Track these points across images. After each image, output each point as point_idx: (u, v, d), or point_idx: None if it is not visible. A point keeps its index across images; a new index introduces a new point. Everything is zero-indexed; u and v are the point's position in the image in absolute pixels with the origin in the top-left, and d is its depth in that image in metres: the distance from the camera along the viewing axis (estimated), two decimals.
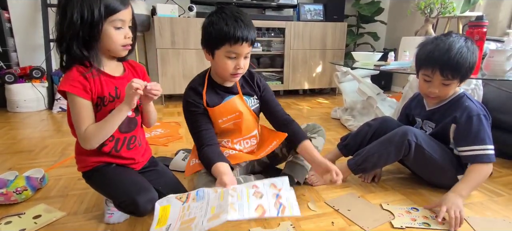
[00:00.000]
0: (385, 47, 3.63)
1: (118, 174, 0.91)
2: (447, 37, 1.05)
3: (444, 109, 1.15)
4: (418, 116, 1.25)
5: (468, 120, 1.06)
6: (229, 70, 0.99)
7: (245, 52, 0.98)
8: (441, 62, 1.02)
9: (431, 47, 1.06)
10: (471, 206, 1.11)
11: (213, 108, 1.04)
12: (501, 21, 2.33)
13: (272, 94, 1.17)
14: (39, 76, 2.45)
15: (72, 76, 0.81)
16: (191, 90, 1.06)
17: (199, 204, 0.77)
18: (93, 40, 0.81)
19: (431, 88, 1.09)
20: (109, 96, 0.88)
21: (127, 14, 0.84)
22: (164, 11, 2.55)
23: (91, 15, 0.77)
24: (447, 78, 1.04)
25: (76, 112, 0.83)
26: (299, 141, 1.07)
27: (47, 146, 1.66)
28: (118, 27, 0.82)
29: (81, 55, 0.80)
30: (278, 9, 3.13)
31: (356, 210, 1.06)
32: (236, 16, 0.94)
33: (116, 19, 0.81)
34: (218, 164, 0.93)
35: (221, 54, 0.98)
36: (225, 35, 0.93)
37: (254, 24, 0.99)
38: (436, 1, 1.74)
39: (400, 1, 3.44)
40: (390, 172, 1.38)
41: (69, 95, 0.82)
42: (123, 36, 0.84)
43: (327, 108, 2.67)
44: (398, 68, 1.69)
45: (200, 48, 2.86)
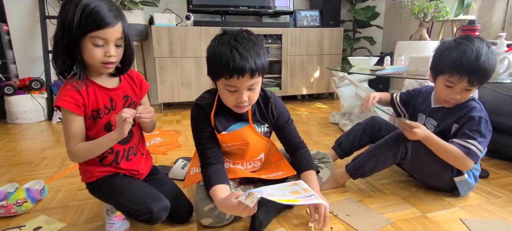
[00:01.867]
0: (382, 51, 3.65)
1: (127, 184, 0.92)
2: (472, 42, 1.01)
3: (449, 109, 1.13)
4: (423, 112, 1.23)
5: (468, 120, 1.06)
6: (230, 103, 0.94)
7: (246, 85, 0.88)
8: (470, 71, 0.99)
9: (457, 54, 1.01)
10: (469, 208, 1.12)
11: (221, 135, 1.02)
12: (495, 24, 2.36)
13: (287, 118, 1.10)
14: (38, 87, 2.46)
15: (65, 91, 0.81)
16: (200, 110, 1.01)
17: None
18: (75, 52, 0.80)
19: (453, 95, 1.06)
20: (104, 109, 0.89)
21: (110, 33, 0.79)
22: (162, 21, 2.58)
23: (69, 28, 0.76)
24: (472, 85, 1.03)
25: (67, 127, 0.84)
26: (303, 169, 1.06)
27: (46, 157, 1.67)
28: (98, 44, 0.80)
29: (63, 65, 0.81)
30: (275, 16, 3.16)
31: (355, 215, 1.07)
32: (232, 45, 0.84)
33: (96, 36, 0.78)
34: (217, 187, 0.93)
35: (221, 86, 0.91)
36: (219, 67, 0.85)
37: (258, 50, 0.87)
38: (430, 6, 1.76)
39: (395, 6, 3.48)
40: (389, 176, 1.39)
41: (62, 110, 0.83)
42: (103, 54, 0.81)
43: (326, 113, 2.68)
44: (394, 72, 1.71)
45: (197, 56, 2.88)
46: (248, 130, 1.04)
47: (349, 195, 1.22)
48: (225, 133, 1.02)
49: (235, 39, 0.86)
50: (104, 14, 0.77)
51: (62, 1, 0.80)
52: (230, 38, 0.86)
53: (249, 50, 0.85)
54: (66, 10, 0.76)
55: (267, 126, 1.09)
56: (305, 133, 2.08)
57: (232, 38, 0.86)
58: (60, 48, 0.79)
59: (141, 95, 0.99)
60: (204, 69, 2.73)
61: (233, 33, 0.88)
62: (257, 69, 0.86)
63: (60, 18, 0.78)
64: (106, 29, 0.78)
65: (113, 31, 0.80)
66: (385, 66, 1.97)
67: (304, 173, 1.05)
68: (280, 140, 1.14)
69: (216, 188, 0.93)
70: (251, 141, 1.05)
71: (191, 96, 2.75)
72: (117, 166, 0.94)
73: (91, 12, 0.76)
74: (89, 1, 0.77)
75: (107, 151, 0.90)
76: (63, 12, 0.77)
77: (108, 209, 0.96)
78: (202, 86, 2.76)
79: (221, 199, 0.89)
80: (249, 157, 1.10)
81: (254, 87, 0.91)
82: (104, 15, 0.77)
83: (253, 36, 0.89)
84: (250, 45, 0.85)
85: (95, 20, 0.76)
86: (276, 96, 1.10)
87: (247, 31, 0.90)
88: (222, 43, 0.86)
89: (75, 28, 0.76)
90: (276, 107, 1.07)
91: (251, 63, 0.84)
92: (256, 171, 1.14)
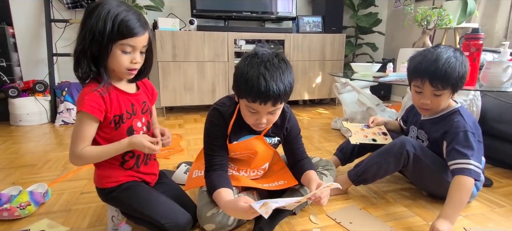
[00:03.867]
0: (384, 57, 3.66)
1: (153, 195, 0.94)
2: (435, 48, 1.07)
3: (436, 122, 1.15)
4: (415, 124, 1.26)
5: (454, 137, 1.05)
6: (250, 122, 0.95)
7: (268, 110, 0.89)
8: (429, 72, 1.03)
9: (419, 59, 1.07)
10: (473, 217, 1.11)
11: (231, 144, 1.02)
12: (497, 32, 2.36)
13: (298, 133, 1.11)
14: (42, 90, 2.47)
15: (90, 96, 0.82)
16: (220, 116, 1.00)
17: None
18: (101, 58, 0.82)
19: (423, 100, 1.10)
20: (126, 114, 0.91)
21: (139, 41, 0.84)
22: (166, 25, 2.59)
23: (101, 36, 0.79)
24: (437, 89, 1.05)
25: (81, 129, 0.84)
26: (304, 171, 1.05)
27: (50, 160, 1.67)
28: (126, 51, 0.83)
29: (89, 70, 0.83)
30: (277, 21, 3.18)
31: (358, 223, 1.07)
32: (260, 72, 0.83)
33: (126, 44, 0.82)
34: (222, 190, 0.93)
35: (243, 104, 0.92)
36: (244, 89, 0.85)
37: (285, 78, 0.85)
38: (433, 13, 1.77)
39: (397, 13, 3.50)
40: (392, 184, 1.38)
41: (82, 113, 0.82)
42: (130, 60, 0.85)
43: (327, 119, 2.69)
44: (397, 79, 1.72)
45: (200, 60, 2.89)
46: (257, 140, 1.05)
47: (351, 202, 1.22)
48: (236, 143, 1.03)
49: (265, 66, 0.84)
50: (134, 24, 0.81)
51: (87, 8, 0.82)
52: (260, 63, 0.85)
53: (276, 79, 0.83)
54: (96, 18, 0.79)
55: (278, 139, 1.10)
56: (306, 139, 2.08)
57: (262, 64, 0.84)
58: (87, 55, 0.81)
59: (152, 101, 1.04)
60: (206, 74, 2.74)
61: (264, 59, 0.85)
62: (281, 98, 0.86)
63: (88, 25, 0.79)
64: (137, 37, 0.82)
65: (141, 39, 0.84)
66: (387, 73, 1.97)
67: (305, 173, 1.04)
68: (286, 152, 1.15)
69: (220, 191, 0.93)
70: (260, 151, 1.06)
71: (193, 101, 2.76)
72: (137, 169, 0.96)
73: (122, 21, 0.80)
74: (118, 11, 0.80)
75: (128, 155, 0.93)
76: (91, 19, 0.79)
77: (113, 215, 0.96)
78: (204, 91, 2.77)
79: (227, 201, 0.89)
80: (254, 165, 1.11)
81: (275, 112, 0.92)
82: (134, 24, 0.81)
83: (283, 64, 0.87)
84: (278, 74, 0.84)
85: (127, 28, 0.80)
86: (291, 111, 1.11)
87: (278, 56, 0.88)
88: (251, 66, 0.85)
89: (107, 35, 0.79)
90: (290, 122, 1.08)
91: (275, 93, 0.83)
92: (258, 179, 1.14)
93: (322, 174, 1.16)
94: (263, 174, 1.17)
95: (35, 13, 2.60)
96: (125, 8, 0.82)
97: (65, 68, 2.77)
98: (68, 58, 2.69)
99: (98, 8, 0.80)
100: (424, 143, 1.20)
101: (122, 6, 0.82)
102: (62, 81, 2.69)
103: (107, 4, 0.80)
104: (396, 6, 3.52)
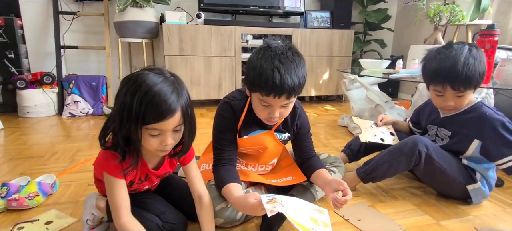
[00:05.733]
0: (392, 54, 3.61)
1: (144, 202, 0.91)
2: (449, 50, 1.02)
3: (461, 118, 1.11)
4: (433, 123, 1.22)
5: (496, 132, 1.03)
6: (262, 116, 0.93)
7: (281, 104, 0.88)
8: (450, 79, 1.00)
9: (436, 64, 1.03)
10: (484, 218, 1.09)
11: (241, 139, 1.01)
12: (511, 29, 2.31)
13: (308, 130, 1.10)
14: (50, 82, 2.49)
15: (110, 161, 0.76)
16: (230, 110, 0.98)
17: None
18: (134, 141, 0.73)
19: (446, 103, 1.07)
20: (138, 181, 0.87)
21: (166, 125, 0.72)
22: (173, 19, 2.58)
23: (127, 118, 0.69)
24: (460, 91, 1.02)
25: (113, 192, 0.78)
26: (314, 170, 1.04)
27: (57, 152, 1.68)
28: (154, 135, 0.73)
29: (123, 153, 0.75)
30: (285, 16, 3.15)
31: (367, 220, 1.05)
32: (274, 65, 0.81)
33: (152, 128, 0.72)
34: (231, 185, 0.91)
35: (255, 98, 0.91)
36: (257, 83, 0.84)
37: (299, 71, 0.84)
38: (446, 9, 1.73)
39: (407, 9, 3.44)
40: (400, 182, 1.36)
41: (105, 174, 0.78)
42: (159, 142, 0.75)
43: (334, 116, 2.66)
44: (408, 76, 1.69)
45: (207, 55, 2.88)
46: (267, 136, 1.04)
47: (360, 199, 1.20)
48: (245, 138, 1.02)
49: (279, 59, 0.83)
50: (162, 105, 0.69)
51: (125, 78, 0.73)
52: (274, 56, 0.83)
53: (291, 72, 0.82)
54: (126, 93, 0.69)
55: (288, 135, 1.08)
56: (314, 135, 2.05)
57: (276, 58, 0.83)
58: (119, 138, 0.72)
59: (182, 163, 0.92)
60: (213, 68, 2.73)
61: (278, 52, 0.84)
62: (295, 91, 0.85)
63: (119, 101, 0.71)
64: (162, 122, 0.70)
65: (168, 123, 0.72)
66: (397, 69, 1.94)
67: (315, 172, 1.03)
68: (294, 149, 1.14)
69: (230, 186, 0.92)
70: (270, 146, 1.05)
71: (199, 95, 2.75)
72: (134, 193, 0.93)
73: (150, 102, 0.68)
74: (150, 85, 0.69)
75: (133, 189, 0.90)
76: (122, 93, 0.70)
77: (88, 219, 0.93)
78: (211, 86, 2.76)
79: (237, 196, 0.88)
80: (263, 160, 1.10)
81: (288, 105, 0.91)
82: (162, 106, 0.69)
83: (297, 56, 0.87)
84: (292, 67, 0.83)
85: (153, 112, 0.69)
86: (302, 107, 1.09)
87: (292, 49, 0.88)
88: (264, 59, 0.84)
89: (133, 119, 0.69)
90: (300, 118, 1.07)
91: (290, 86, 0.82)
92: (265, 174, 1.13)
93: (330, 171, 1.15)
94: (271, 170, 1.16)
95: (43, 5, 2.61)
96: (161, 80, 0.71)
97: (72, 60, 2.78)
98: (75, 50, 2.70)
99: (131, 81, 0.71)
100: (444, 140, 1.17)
101: (158, 78, 0.71)
102: (70, 73, 2.71)
103: (141, 77, 0.70)
104: (406, 2, 3.47)
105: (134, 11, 2.50)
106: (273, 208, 0.74)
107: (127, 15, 2.48)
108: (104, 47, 2.67)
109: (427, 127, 1.26)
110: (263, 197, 0.78)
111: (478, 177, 1.13)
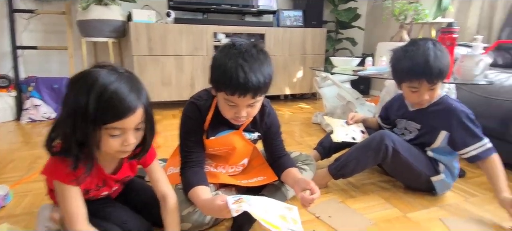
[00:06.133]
0: (364, 52, 3.71)
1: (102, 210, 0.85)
2: (416, 46, 1.07)
3: (429, 111, 1.15)
4: (402, 117, 1.26)
5: (461, 123, 1.08)
6: (228, 116, 0.91)
7: (247, 103, 0.86)
8: (425, 74, 1.04)
9: (408, 63, 1.06)
10: (448, 208, 1.13)
11: (208, 140, 0.98)
12: (470, 27, 2.44)
13: (278, 129, 1.09)
14: (6, 85, 2.31)
15: (60, 168, 0.70)
16: (196, 110, 0.96)
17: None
18: (89, 145, 0.68)
19: (422, 97, 1.10)
20: (95, 187, 0.82)
21: (128, 123, 0.68)
22: (141, 17, 2.49)
23: (82, 120, 0.64)
24: (434, 84, 1.07)
25: (66, 201, 0.72)
26: (284, 169, 1.03)
27: (14, 160, 1.56)
28: (114, 135, 0.69)
29: (75, 160, 0.69)
30: (258, 15, 3.13)
31: (337, 217, 1.06)
32: (238, 63, 0.79)
33: (112, 128, 0.67)
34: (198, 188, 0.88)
35: (221, 98, 0.88)
36: (222, 82, 0.82)
37: (264, 69, 0.82)
38: (410, 8, 1.79)
39: (376, 8, 3.55)
40: (371, 176, 1.39)
41: (56, 182, 0.72)
42: (121, 143, 0.70)
43: (308, 114, 2.69)
44: (375, 73, 1.73)
45: (178, 54, 2.80)
46: (235, 136, 1.01)
47: (331, 195, 1.21)
48: (213, 138, 0.99)
49: (243, 57, 0.81)
50: (123, 102, 0.65)
51: (73, 78, 0.68)
52: (238, 55, 0.81)
53: (256, 71, 0.80)
54: (77, 93, 0.64)
55: (258, 134, 1.06)
56: (288, 133, 2.07)
57: (240, 56, 0.81)
58: (71, 143, 0.66)
59: (144, 164, 0.88)
60: (185, 68, 2.66)
61: (242, 50, 0.82)
62: (261, 90, 0.84)
63: (70, 103, 0.65)
64: (124, 119, 0.66)
65: (132, 119, 0.68)
66: (366, 67, 1.98)
67: (285, 171, 1.03)
68: (265, 148, 1.12)
69: (197, 189, 0.89)
70: (238, 146, 1.03)
71: (171, 96, 2.68)
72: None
73: (109, 100, 0.64)
74: (105, 83, 0.64)
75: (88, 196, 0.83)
76: (73, 94, 0.65)
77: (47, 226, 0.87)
78: (183, 86, 2.69)
79: (204, 199, 0.85)
80: (233, 161, 1.08)
81: (255, 104, 0.89)
82: (123, 103, 0.65)
83: (262, 54, 0.85)
84: (257, 66, 0.81)
85: (113, 110, 0.65)
86: (271, 106, 1.08)
87: (257, 47, 0.86)
88: (229, 57, 0.81)
89: (90, 121, 0.64)
90: (269, 117, 1.06)
91: (255, 85, 0.80)
92: (236, 175, 1.11)
93: (302, 169, 1.14)
94: (242, 170, 1.14)
95: None
96: (116, 78, 0.66)
97: (31, 62, 2.60)
98: (34, 51, 2.53)
99: (81, 80, 0.65)
100: (413, 133, 1.21)
101: (112, 75, 0.66)
102: (29, 75, 2.52)
103: (92, 75, 0.65)
104: (374, 1, 3.57)
105: (99, 9, 2.38)
106: (239, 208, 0.72)
107: (91, 13, 2.36)
108: (66, 47, 2.52)
109: (396, 121, 1.29)
110: (229, 198, 0.76)
111: (441, 168, 1.17)
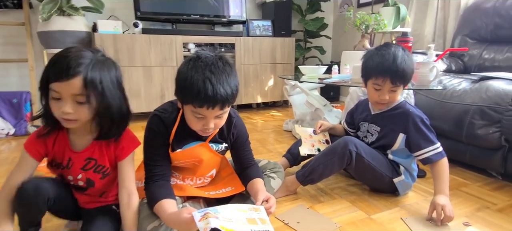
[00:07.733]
0: (332, 60, 3.85)
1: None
2: (388, 48, 1.15)
3: (388, 115, 1.23)
4: (365, 120, 1.32)
5: (417, 127, 1.16)
6: (196, 128, 0.90)
7: (214, 115, 0.86)
8: (390, 72, 1.11)
9: (378, 59, 1.14)
10: (409, 207, 1.19)
11: (174, 153, 0.97)
12: (426, 36, 2.61)
13: (245, 139, 1.09)
14: None
15: (33, 137, 0.82)
16: (161, 123, 0.95)
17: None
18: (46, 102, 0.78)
19: (382, 96, 1.17)
20: (66, 164, 0.87)
21: (63, 87, 0.72)
22: (107, 28, 2.42)
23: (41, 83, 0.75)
24: (396, 85, 1.14)
25: (18, 162, 0.83)
26: (250, 179, 1.04)
27: None
28: (54, 97, 0.74)
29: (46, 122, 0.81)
30: (228, 25, 3.17)
31: (305, 222, 1.08)
32: (205, 76, 0.80)
33: (52, 89, 0.73)
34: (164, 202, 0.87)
35: (188, 110, 0.88)
36: (189, 95, 0.82)
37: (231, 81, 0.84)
38: (370, 18, 1.89)
39: (342, 17, 3.70)
40: (339, 181, 1.43)
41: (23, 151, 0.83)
42: (59, 108, 0.74)
43: (280, 121, 2.73)
44: (340, 81, 1.80)
45: (147, 65, 2.75)
46: (202, 148, 1.00)
47: (300, 202, 1.23)
48: (179, 151, 0.97)
49: (210, 69, 0.81)
50: (63, 65, 0.71)
51: None
52: (204, 67, 0.82)
53: (223, 82, 0.82)
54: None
55: (225, 145, 1.06)
56: (260, 142, 2.08)
57: (207, 68, 0.81)
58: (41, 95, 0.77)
59: (118, 158, 0.89)
60: (154, 79, 2.62)
61: (208, 62, 0.83)
62: (228, 101, 0.85)
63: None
64: (59, 83, 0.72)
65: (66, 86, 0.72)
66: (332, 75, 2.06)
67: (250, 181, 1.03)
68: (233, 159, 1.13)
69: (162, 203, 0.87)
70: (205, 158, 1.02)
71: (140, 108, 2.61)
72: None
73: (55, 60, 0.73)
74: (65, 49, 0.76)
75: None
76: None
77: None
78: (153, 97, 2.64)
79: (170, 213, 0.84)
80: (200, 173, 1.07)
81: (222, 115, 0.90)
82: (63, 65, 0.71)
83: (228, 66, 0.86)
84: (224, 77, 0.82)
85: (54, 69, 0.72)
86: (239, 115, 1.08)
87: (223, 59, 0.87)
88: (195, 70, 0.81)
89: (43, 78, 0.74)
90: (236, 127, 1.05)
91: (223, 96, 0.81)
92: (204, 187, 1.10)
93: (269, 177, 1.16)
94: (211, 181, 1.13)
95: None
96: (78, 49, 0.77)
97: None
98: None
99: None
100: (374, 135, 1.26)
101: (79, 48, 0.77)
102: None
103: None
104: (340, 12, 3.73)
105: (61, 20, 2.29)
106: (206, 225, 0.71)
107: (53, 24, 2.26)
108: (26, 59, 2.39)
109: (359, 124, 1.35)
110: (195, 214, 0.74)
111: (402, 170, 1.23)
